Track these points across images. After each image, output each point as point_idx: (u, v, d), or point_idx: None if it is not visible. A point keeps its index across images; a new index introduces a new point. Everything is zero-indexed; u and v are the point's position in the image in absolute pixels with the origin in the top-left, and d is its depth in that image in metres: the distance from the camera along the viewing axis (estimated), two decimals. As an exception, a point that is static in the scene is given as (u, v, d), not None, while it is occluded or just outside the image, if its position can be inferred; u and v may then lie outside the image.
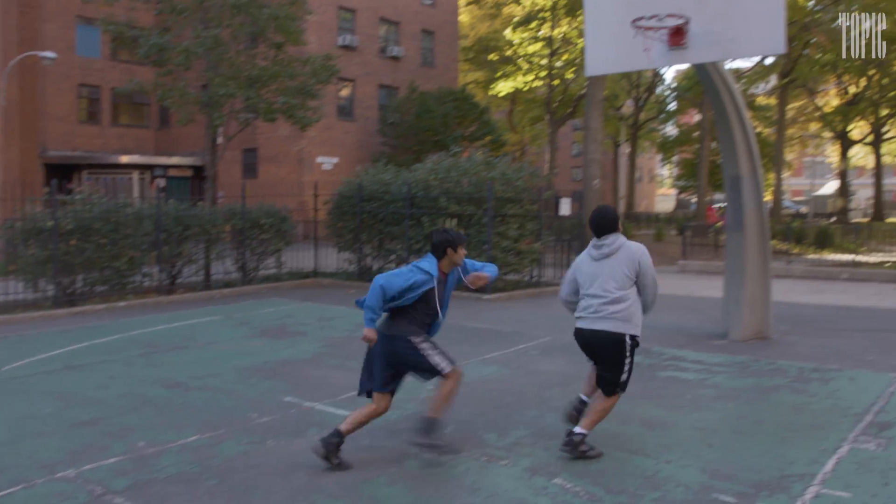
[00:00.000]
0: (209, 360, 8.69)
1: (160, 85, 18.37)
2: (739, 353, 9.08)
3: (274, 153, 32.66)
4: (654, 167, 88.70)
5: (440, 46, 38.47)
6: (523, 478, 5.00)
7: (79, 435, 5.91)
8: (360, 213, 16.10)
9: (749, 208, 9.90)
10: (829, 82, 48.42)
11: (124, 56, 34.65)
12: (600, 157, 25.68)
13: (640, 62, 8.99)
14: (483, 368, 8.22)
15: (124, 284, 13.66)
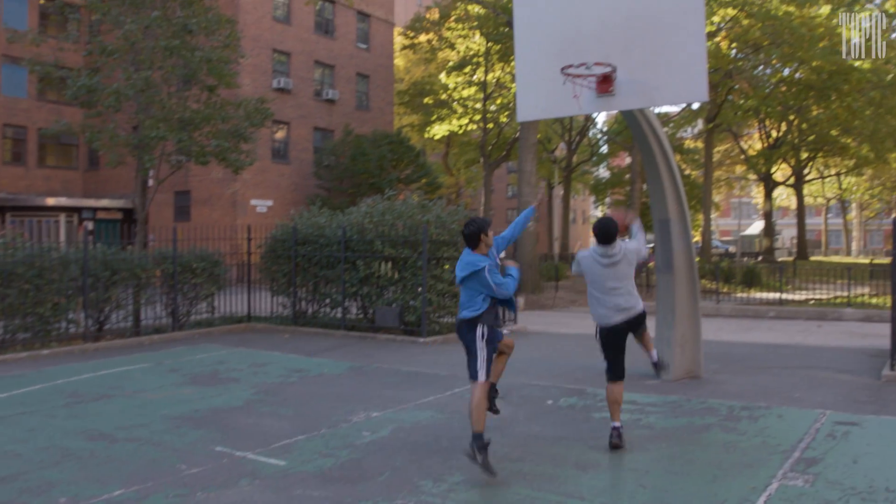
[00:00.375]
0: (137, 410, 8.42)
1: (89, 126, 18.02)
2: (671, 393, 9.21)
3: (207, 196, 32.25)
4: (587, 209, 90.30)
5: (375, 90, 38.76)
6: None
7: (-5, 492, 5.65)
8: (295, 257, 15.95)
9: (678, 250, 10.13)
10: (752, 126, 50.28)
11: (52, 96, 33.99)
12: (534, 199, 26.03)
13: (570, 108, 9.18)
14: (418, 413, 8.16)
15: (48, 332, 13.21)
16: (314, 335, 14.95)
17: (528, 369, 11.01)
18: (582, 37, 8.90)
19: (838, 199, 70.84)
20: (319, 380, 10.20)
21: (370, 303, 15.15)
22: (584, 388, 9.52)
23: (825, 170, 57.49)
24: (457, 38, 39.86)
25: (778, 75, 37.08)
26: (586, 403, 8.67)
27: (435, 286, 14.39)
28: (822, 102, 36.58)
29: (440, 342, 14.00)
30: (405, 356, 12.30)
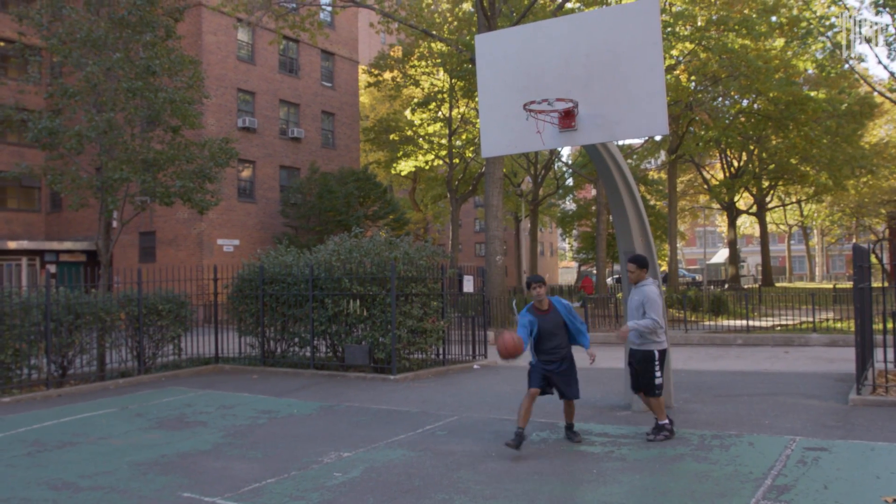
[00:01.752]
0: (102, 457, 8.24)
1: (50, 169, 17.79)
2: (643, 424, 9.21)
3: (172, 236, 31.98)
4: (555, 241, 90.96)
5: (341, 127, 38.88)
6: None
7: (-47, 548, 5.47)
8: (263, 296, 15.82)
9: (644, 281, 10.19)
10: (714, 157, 51.17)
11: (12, 139, 33.63)
12: (502, 233, 26.16)
13: (534, 144, 9.27)
14: (390, 452, 8.08)
15: (9, 378, 12.92)
16: (283, 375, 14.79)
17: (499, 404, 10.97)
18: (544, 73, 9.03)
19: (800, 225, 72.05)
20: (289, 421, 10.07)
21: (339, 341, 15.04)
22: (556, 422, 9.50)
23: (786, 197, 58.53)
24: (421, 75, 40.25)
25: (737, 106, 37.84)
26: (559, 437, 8.64)
27: (404, 322, 14.33)
28: (781, 132, 37.37)
29: (411, 378, 13.91)
30: (376, 394, 12.20)
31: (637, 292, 8.41)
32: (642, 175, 45.71)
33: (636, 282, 8.47)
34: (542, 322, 8.09)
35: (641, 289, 8.38)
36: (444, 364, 15.38)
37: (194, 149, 18.07)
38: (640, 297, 8.31)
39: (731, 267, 51.44)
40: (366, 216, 34.01)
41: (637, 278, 8.47)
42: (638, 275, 8.46)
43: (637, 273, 8.46)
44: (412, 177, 47.78)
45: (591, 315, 23.43)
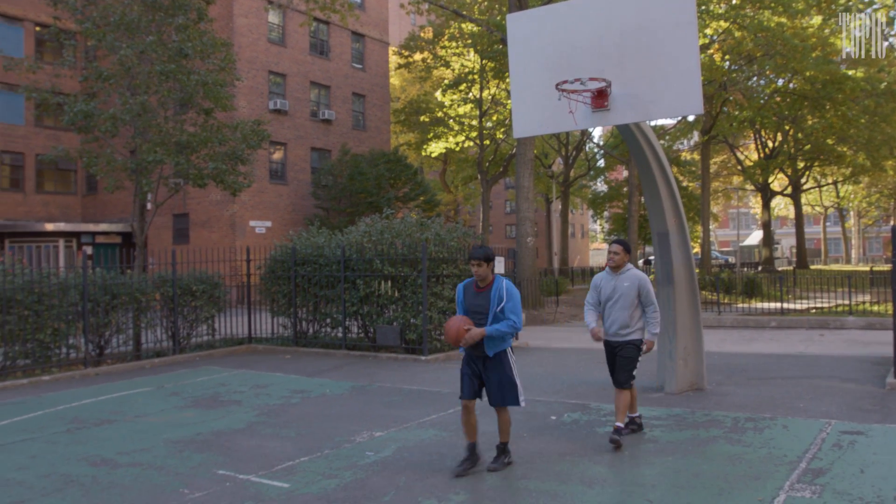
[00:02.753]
0: (139, 434, 8.38)
1: (86, 152, 18.05)
2: (675, 406, 9.17)
3: (205, 218, 32.28)
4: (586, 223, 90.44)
5: (371, 109, 38.88)
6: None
7: (-3, 521, 5.61)
8: (295, 277, 15.93)
9: (677, 262, 10.12)
10: (748, 137, 50.46)
11: (49, 122, 34.10)
12: (533, 214, 26.06)
13: (566, 124, 9.20)
14: (421, 432, 8.12)
15: (49, 357, 13.18)
16: (315, 355, 14.91)
17: (531, 385, 10.97)
18: (576, 52, 8.94)
19: (836, 207, 70.96)
20: (321, 400, 10.16)
21: (371, 322, 15.12)
22: (588, 404, 9.49)
23: (822, 178, 57.65)
24: (451, 56, 40.07)
25: (772, 86, 37.25)
26: (590, 419, 8.63)
27: (435, 304, 14.37)
28: (817, 112, 36.70)
29: (442, 360, 13.96)
30: (407, 375, 12.26)
31: (626, 278, 7.60)
32: (675, 156, 45.22)
33: (619, 266, 7.66)
34: (468, 303, 6.63)
35: (630, 274, 7.63)
36: (475, 345, 15.37)
37: (226, 131, 18.21)
38: (632, 282, 7.55)
39: (764, 249, 50.83)
40: (396, 198, 34.06)
41: (621, 263, 7.66)
42: (622, 258, 7.66)
43: (622, 257, 7.65)
44: (442, 158, 47.72)
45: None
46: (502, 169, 42.70)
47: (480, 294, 6.51)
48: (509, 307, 6.38)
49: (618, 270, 7.67)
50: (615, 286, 7.61)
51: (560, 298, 28.37)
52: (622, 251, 7.64)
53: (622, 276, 7.62)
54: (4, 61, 17.80)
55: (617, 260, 7.65)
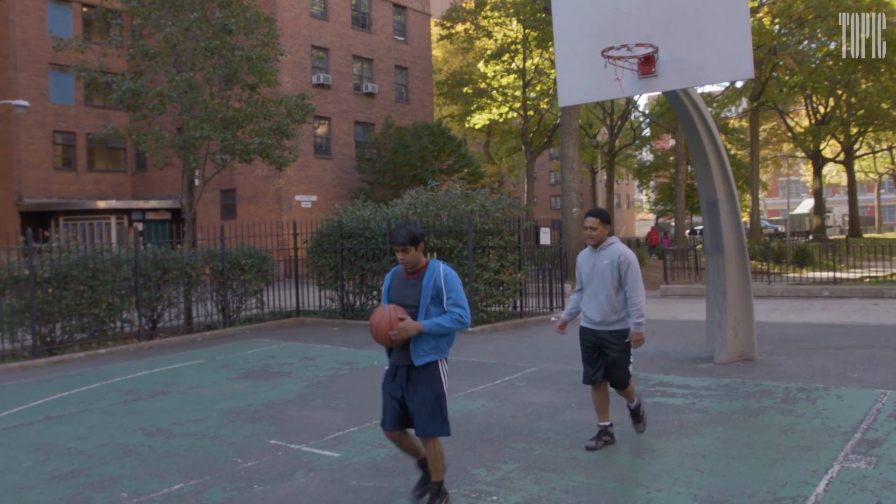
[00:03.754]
0: (192, 405, 8.57)
1: (135, 129, 18.32)
2: (725, 376, 9.07)
3: (252, 193, 32.62)
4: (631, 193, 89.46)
5: (414, 82, 38.76)
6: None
7: (60, 488, 5.78)
8: (341, 251, 16.05)
9: (727, 231, 9.96)
10: (798, 103, 49.22)
11: (98, 101, 34.66)
12: (578, 185, 25.85)
13: (612, 91, 9.07)
14: (469, 402, 8.16)
15: (104, 331, 13.51)
16: (363, 327, 15.04)
17: (578, 356, 10.91)
18: (622, 18, 8.78)
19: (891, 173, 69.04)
20: (370, 372, 10.26)
21: (417, 294, 15.17)
22: (636, 374, 9.42)
23: (876, 144, 56.07)
24: (493, 26, 39.67)
25: (824, 49, 36.19)
26: (638, 389, 8.56)
27: (481, 275, 14.37)
28: (872, 75, 35.58)
29: (488, 331, 13.98)
30: (454, 346, 12.29)
31: (605, 255, 6.35)
32: (722, 124, 44.35)
33: (598, 242, 6.40)
34: (394, 293, 5.08)
35: (610, 250, 6.36)
36: (522, 316, 15.40)
37: (271, 106, 18.31)
38: (611, 260, 6.29)
39: (815, 217, 49.78)
40: (440, 170, 34.01)
41: (600, 237, 6.38)
42: (601, 232, 6.37)
43: (600, 230, 6.36)
44: (486, 130, 47.44)
45: (671, 267, 23.04)
46: (546, 140, 42.32)
47: (410, 282, 4.99)
48: (453, 297, 4.91)
49: (598, 247, 6.44)
50: (594, 265, 6.40)
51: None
52: (599, 223, 6.36)
53: (602, 252, 6.39)
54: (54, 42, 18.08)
55: (595, 235, 6.38)
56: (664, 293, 20.55)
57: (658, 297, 20.11)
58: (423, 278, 4.92)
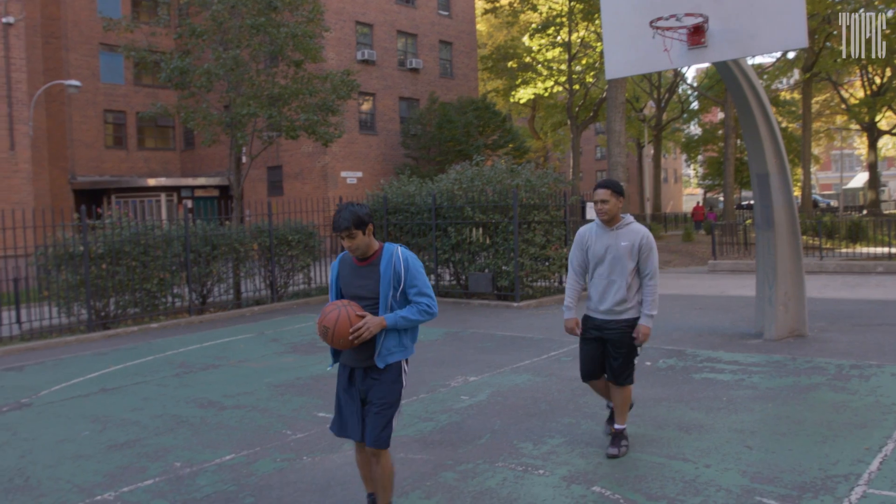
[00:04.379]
0: (242, 378, 8.72)
1: (183, 107, 18.57)
2: (775, 353, 8.94)
3: (298, 170, 32.88)
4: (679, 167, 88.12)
5: (459, 56, 38.56)
6: (560, 486, 4.94)
7: (116, 457, 5.95)
8: (387, 226, 16.13)
9: (778, 205, 9.77)
10: (853, 74, 47.84)
11: (147, 80, 35.13)
12: (624, 159, 25.55)
13: (661, 63, 8.91)
14: (515, 377, 8.17)
15: (156, 306, 13.80)
16: (408, 303, 15.11)
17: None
18: (671, -13, 8.60)
19: (950, 146, 66.89)
20: (416, 346, 10.31)
21: (462, 269, 15.21)
22: (684, 350, 9.35)
23: (935, 115, 54.30)
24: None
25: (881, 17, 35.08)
26: (686, 364, 8.50)
27: (527, 250, 14.33)
28: (931, 44, 34.42)
29: (534, 306, 13.96)
30: (499, 321, 12.32)
31: (624, 234, 5.46)
32: (773, 96, 43.41)
33: (611, 218, 5.45)
34: (345, 284, 4.33)
35: (630, 230, 5.48)
36: (567, 292, 15.32)
37: (317, 82, 18.39)
38: (631, 241, 5.42)
39: (870, 192, 48.51)
40: (485, 145, 33.87)
41: (613, 212, 5.43)
42: (614, 206, 5.42)
43: (613, 204, 5.41)
44: (531, 105, 47.07)
45: (719, 242, 22.71)
46: (592, 114, 41.85)
47: (363, 271, 4.24)
48: (417, 285, 4.19)
49: (612, 224, 5.49)
50: (609, 246, 5.47)
51: (653, 245, 27.82)
52: (612, 195, 5.41)
53: (619, 231, 5.47)
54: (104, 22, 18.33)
55: (608, 209, 5.42)
56: (712, 269, 20.27)
57: (706, 272, 19.85)
58: (380, 265, 4.18)
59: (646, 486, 4.85)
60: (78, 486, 5.33)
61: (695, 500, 4.61)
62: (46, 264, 12.93)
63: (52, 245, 12.82)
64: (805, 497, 4.58)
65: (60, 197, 32.07)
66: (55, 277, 12.81)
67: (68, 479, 5.50)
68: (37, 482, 5.45)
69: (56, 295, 12.80)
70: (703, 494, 4.69)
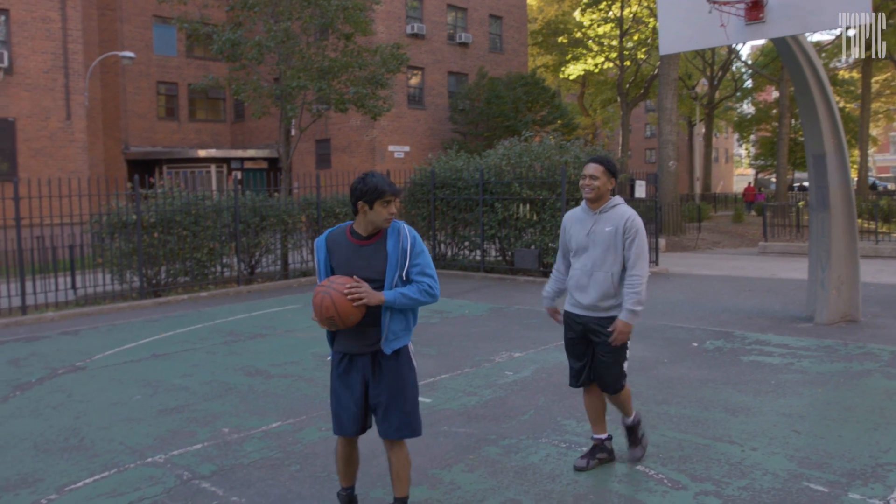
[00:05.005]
0: (289, 348, 8.84)
1: (234, 79, 18.74)
2: (826, 337, 8.77)
3: (346, 143, 33.00)
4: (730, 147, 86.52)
5: (508, 31, 38.19)
6: (604, 464, 4.93)
7: (166, 421, 6.08)
8: (434, 201, 16.14)
9: (834, 186, 9.54)
10: (916, 53, 46.29)
11: (199, 52, 35.47)
12: (675, 138, 25.16)
13: (716, 39, 8.72)
14: (560, 354, 8.14)
15: (205, 275, 14.03)
16: (454, 277, 15.14)
17: (672, 311, 10.77)
18: (730, -39, 8.39)
19: None
20: (461, 321, 10.35)
21: (509, 245, 15.17)
22: (731, 331, 9.22)
23: None
24: (591, -28, 38.60)
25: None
26: (734, 346, 8.39)
27: (573, 228, 14.22)
28: None
29: (579, 284, 13.88)
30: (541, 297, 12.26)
31: (608, 219, 4.68)
32: (831, 75, 42.23)
33: (600, 198, 4.71)
34: (339, 262, 3.90)
35: (615, 213, 4.69)
36: (613, 271, 15.21)
37: (366, 55, 18.40)
38: (615, 227, 4.64)
39: (930, 174, 47.09)
40: (534, 121, 33.59)
41: (602, 191, 4.69)
42: (603, 185, 4.68)
43: (602, 182, 4.67)
44: (580, 81, 46.50)
45: (770, 224, 22.28)
46: (643, 91, 41.20)
47: (365, 250, 3.85)
48: (420, 264, 3.86)
49: (598, 205, 4.74)
50: (591, 231, 4.72)
51: (702, 225, 27.48)
52: (603, 172, 4.68)
53: (604, 215, 4.71)
54: (157, -7, 18.59)
55: (596, 186, 4.68)
56: (763, 251, 19.93)
57: (756, 254, 19.52)
58: (387, 244, 3.84)
59: (690, 467, 4.82)
60: (130, 447, 5.47)
61: (740, 482, 4.57)
62: (101, 232, 13.23)
63: (107, 213, 13.10)
64: (854, 484, 4.50)
65: (114, 166, 32.67)
66: (109, 245, 13.10)
67: (121, 440, 5.64)
68: (91, 442, 5.61)
69: (109, 262, 13.10)
70: (748, 477, 4.64)
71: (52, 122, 21.56)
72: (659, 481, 4.61)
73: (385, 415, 3.91)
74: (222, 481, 4.79)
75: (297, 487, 4.69)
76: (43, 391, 7.16)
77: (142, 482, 4.80)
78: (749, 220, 32.48)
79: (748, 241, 24.27)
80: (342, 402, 3.99)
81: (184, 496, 4.57)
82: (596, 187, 4.66)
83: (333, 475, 4.78)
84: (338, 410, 4.01)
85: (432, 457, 5.12)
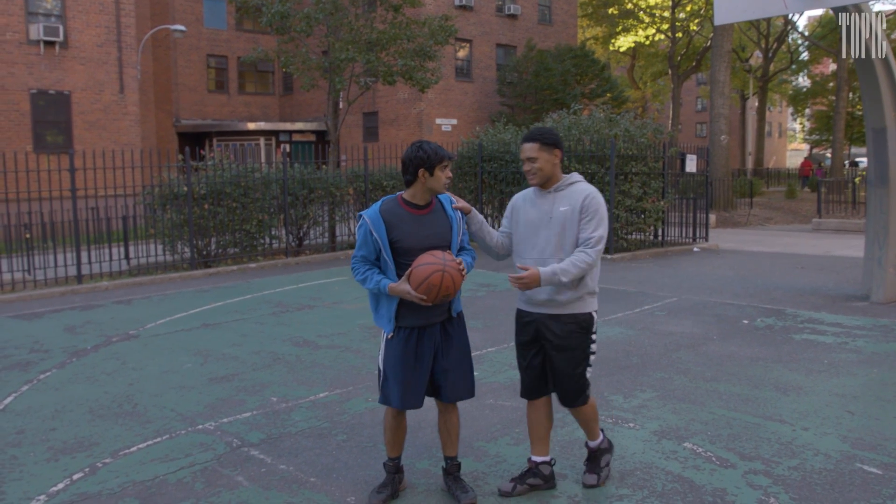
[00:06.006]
0: (336, 319, 8.92)
1: (283, 52, 18.82)
2: (883, 316, 8.56)
3: (393, 116, 33.00)
4: (784, 121, 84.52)
5: (558, 2, 37.66)
6: (651, 441, 4.89)
7: (216, 389, 6.19)
8: (481, 174, 16.07)
9: (895, 161, 9.26)
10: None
11: (248, 26, 35.68)
12: (727, 111, 24.67)
13: (774, 8, 8.49)
14: (608, 329, 8.08)
15: (254, 246, 14.20)
16: (499, 252, 15.10)
17: (722, 288, 10.61)
18: (790, -72, 8.14)
19: None
20: (506, 294, 10.33)
21: (555, 219, 15.06)
22: (783, 309, 9.05)
23: None
24: (644, -59, 37.83)
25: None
26: (786, 324, 8.24)
27: (623, 202, 14.06)
28: None
29: (628, 258, 13.75)
30: (591, 273, 12.17)
31: (565, 198, 3.98)
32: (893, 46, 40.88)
33: (544, 179, 3.98)
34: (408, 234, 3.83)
35: (574, 190, 3.99)
36: (663, 245, 15.03)
37: (414, 27, 18.31)
38: (573, 206, 3.93)
39: None
40: (583, 94, 33.17)
41: (546, 172, 3.97)
42: (547, 163, 3.96)
43: (544, 161, 3.95)
44: (631, 53, 45.74)
45: (825, 201, 21.77)
46: (695, 63, 40.40)
47: (427, 218, 3.86)
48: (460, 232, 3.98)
49: (549, 185, 4.03)
50: (543, 213, 4.01)
51: (754, 200, 26.97)
52: (540, 150, 3.96)
53: (558, 194, 4.01)
54: (208, -35, 18.70)
55: (538, 168, 3.97)
56: (817, 227, 19.49)
57: (809, 231, 19.10)
58: (445, 209, 3.93)
59: (739, 446, 4.75)
60: (181, 414, 5.58)
61: (790, 462, 4.49)
62: (153, 203, 13.45)
63: (159, 185, 13.31)
64: (910, 466, 4.40)
65: (166, 139, 33.16)
66: (161, 216, 13.33)
67: (172, 407, 5.76)
68: (143, 409, 5.74)
69: (161, 233, 13.34)
70: (799, 457, 4.56)
71: (106, 95, 21.92)
72: (707, 459, 4.56)
73: (454, 379, 3.94)
74: (270, 449, 4.86)
75: (344, 457, 4.74)
76: (98, 358, 7.33)
77: (193, 448, 4.89)
78: (802, 197, 31.79)
79: (801, 217, 23.76)
80: (417, 375, 3.89)
81: (233, 463, 4.65)
82: (538, 169, 3.96)
83: (380, 445, 4.82)
84: (408, 384, 3.89)
85: (478, 429, 5.13)
